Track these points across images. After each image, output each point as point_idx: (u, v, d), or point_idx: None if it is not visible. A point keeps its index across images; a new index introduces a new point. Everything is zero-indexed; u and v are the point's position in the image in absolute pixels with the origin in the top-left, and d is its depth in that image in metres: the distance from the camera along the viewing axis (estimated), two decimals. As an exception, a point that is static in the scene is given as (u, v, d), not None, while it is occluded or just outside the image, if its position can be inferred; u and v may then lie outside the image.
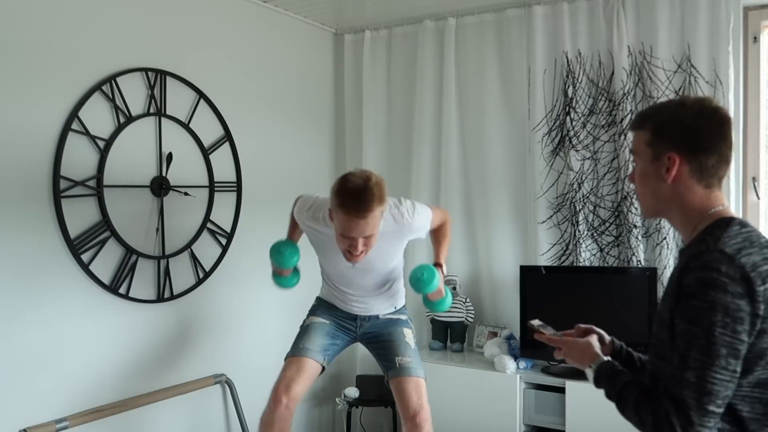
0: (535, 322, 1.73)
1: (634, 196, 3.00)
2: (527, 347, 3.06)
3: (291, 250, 2.48)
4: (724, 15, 2.85)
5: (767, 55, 3.03)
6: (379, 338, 2.54)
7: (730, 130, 1.39)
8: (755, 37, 3.01)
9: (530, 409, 3.01)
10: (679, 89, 2.95)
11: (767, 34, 3.03)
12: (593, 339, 1.58)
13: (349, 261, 2.27)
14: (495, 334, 3.30)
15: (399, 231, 2.37)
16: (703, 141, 1.36)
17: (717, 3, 2.87)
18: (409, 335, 2.54)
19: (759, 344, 1.25)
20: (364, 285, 2.49)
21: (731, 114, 2.85)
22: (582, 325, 1.68)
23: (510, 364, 3.02)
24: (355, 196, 2.09)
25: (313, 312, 2.61)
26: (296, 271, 2.59)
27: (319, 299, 2.65)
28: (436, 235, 2.57)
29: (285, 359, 2.44)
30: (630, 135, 1.50)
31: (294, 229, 2.58)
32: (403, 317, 2.61)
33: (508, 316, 3.35)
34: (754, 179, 3.02)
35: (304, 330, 2.53)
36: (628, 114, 3.00)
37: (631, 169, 1.50)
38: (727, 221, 1.34)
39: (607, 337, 1.67)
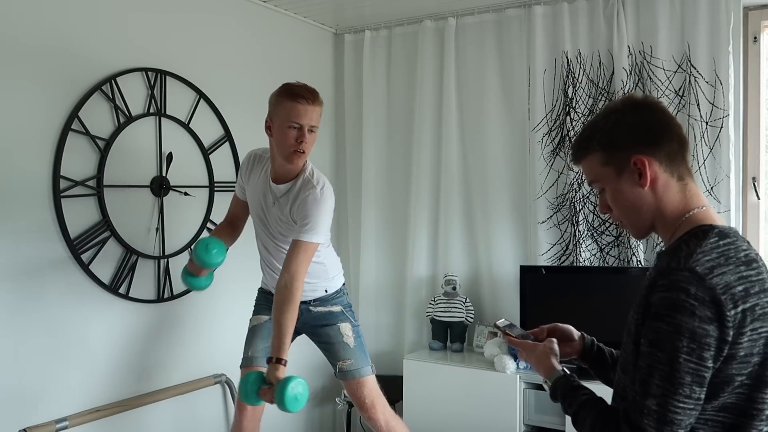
0: (501, 322, 1.65)
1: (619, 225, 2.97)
2: (527, 347, 3.06)
3: (219, 249, 2.38)
4: (724, 15, 2.85)
5: (767, 55, 3.03)
6: (319, 339, 2.51)
7: (667, 111, 1.34)
8: (755, 37, 3.01)
9: (530, 409, 3.01)
10: (679, 89, 2.95)
11: (767, 34, 3.03)
12: (552, 345, 1.49)
13: (293, 160, 2.24)
14: (495, 334, 3.29)
15: (298, 194, 2.28)
16: (656, 130, 1.30)
17: (717, 3, 2.87)
18: (346, 331, 2.45)
19: (726, 370, 1.17)
20: (276, 247, 2.41)
21: (731, 113, 2.87)
22: (546, 326, 1.60)
23: (510, 364, 3.02)
24: (303, 87, 2.28)
25: (255, 308, 2.59)
26: (211, 273, 2.51)
27: (259, 290, 2.62)
28: (277, 313, 2.16)
29: (240, 368, 2.47)
30: (578, 167, 1.43)
31: (227, 221, 2.58)
32: (337, 309, 2.48)
33: (508, 316, 3.33)
34: (754, 179, 3.02)
35: (249, 333, 2.52)
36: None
37: (599, 200, 1.41)
38: (706, 230, 1.24)
39: (576, 333, 1.59)
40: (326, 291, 2.48)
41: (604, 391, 1.41)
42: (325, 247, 2.44)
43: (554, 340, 1.52)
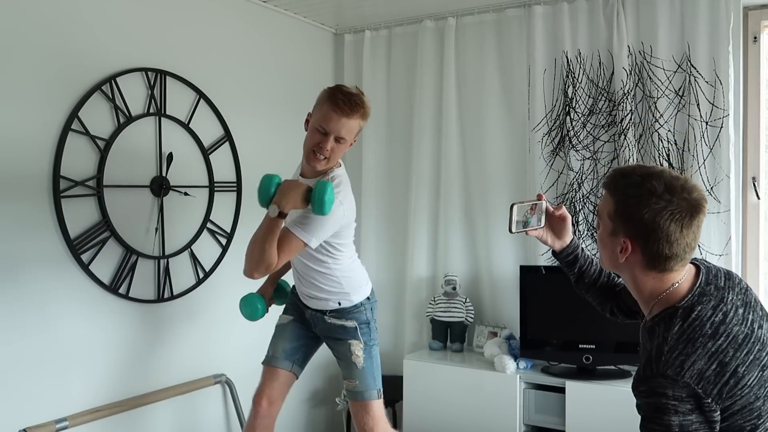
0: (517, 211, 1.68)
1: None
2: (527, 347, 3.06)
3: (262, 306, 2.50)
4: (724, 15, 2.85)
5: (767, 55, 3.03)
6: (332, 350, 2.49)
7: (697, 223, 1.36)
8: (755, 37, 3.01)
9: (530, 409, 3.01)
10: (679, 89, 2.95)
11: (767, 34, 3.03)
12: None
13: (310, 160, 2.22)
14: (495, 334, 3.30)
15: None
16: (659, 240, 1.35)
17: (717, 3, 2.87)
18: (356, 349, 2.38)
19: (733, 423, 1.31)
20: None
21: (731, 113, 2.86)
22: (560, 213, 1.74)
23: (510, 364, 3.02)
24: (347, 95, 2.18)
25: (286, 305, 2.57)
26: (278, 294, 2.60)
27: (291, 287, 2.58)
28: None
29: (261, 364, 2.48)
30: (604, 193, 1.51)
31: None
32: (351, 324, 2.39)
33: (508, 316, 3.34)
34: (754, 179, 3.02)
35: (276, 331, 2.52)
36: (628, 114, 3.00)
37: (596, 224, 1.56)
38: (671, 314, 1.36)
39: (570, 235, 1.75)
40: (339, 304, 2.38)
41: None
42: (338, 261, 2.35)
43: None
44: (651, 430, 1.31)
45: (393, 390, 3.21)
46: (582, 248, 1.79)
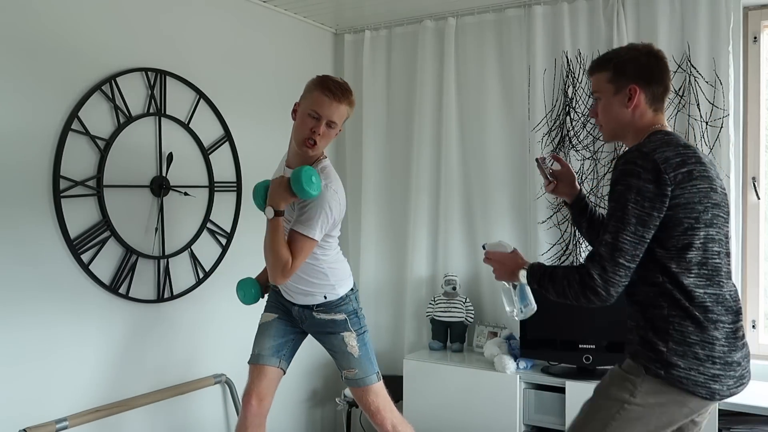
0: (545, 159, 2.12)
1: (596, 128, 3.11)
2: (527, 347, 3.06)
3: (255, 291, 2.52)
4: (724, 15, 2.85)
5: (767, 55, 3.03)
6: (324, 344, 2.50)
7: (667, 65, 1.80)
8: (755, 37, 3.01)
9: (530, 409, 3.01)
10: (679, 89, 2.95)
11: (767, 34, 3.03)
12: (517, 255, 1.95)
13: (302, 147, 2.25)
14: (495, 334, 3.30)
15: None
16: (654, 75, 1.77)
17: (717, 3, 2.87)
18: (350, 340, 2.41)
19: (675, 215, 1.63)
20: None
21: (731, 113, 2.86)
22: (564, 168, 2.11)
23: (510, 364, 3.02)
24: (336, 81, 2.28)
25: (266, 306, 2.57)
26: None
27: (271, 287, 2.57)
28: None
29: (248, 364, 2.48)
30: (590, 79, 1.89)
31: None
32: (340, 317, 2.41)
33: (508, 316, 3.34)
34: (754, 179, 3.02)
35: (259, 330, 2.52)
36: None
37: (593, 106, 1.88)
38: (655, 132, 1.74)
39: (577, 183, 2.10)
40: (325, 297, 2.39)
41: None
42: (326, 253, 2.38)
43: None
44: (616, 191, 1.65)
45: (393, 390, 3.20)
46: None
